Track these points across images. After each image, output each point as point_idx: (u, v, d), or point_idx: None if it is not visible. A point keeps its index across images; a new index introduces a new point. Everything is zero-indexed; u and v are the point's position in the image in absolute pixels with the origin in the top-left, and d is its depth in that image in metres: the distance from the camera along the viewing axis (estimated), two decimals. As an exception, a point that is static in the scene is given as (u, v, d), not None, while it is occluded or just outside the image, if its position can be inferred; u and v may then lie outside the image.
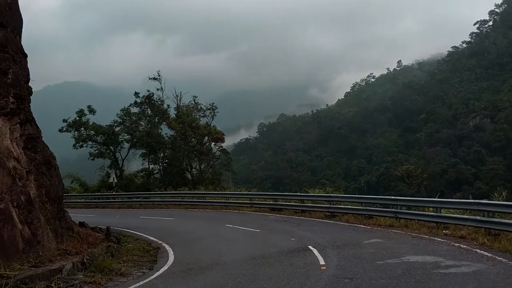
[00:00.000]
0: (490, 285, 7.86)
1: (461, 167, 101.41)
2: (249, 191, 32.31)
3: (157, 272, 10.90)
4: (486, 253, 10.69)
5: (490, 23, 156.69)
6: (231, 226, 18.55)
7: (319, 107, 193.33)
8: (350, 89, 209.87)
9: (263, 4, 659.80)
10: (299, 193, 25.44)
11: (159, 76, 45.40)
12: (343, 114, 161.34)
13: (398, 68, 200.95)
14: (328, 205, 20.72)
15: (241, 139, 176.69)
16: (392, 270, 9.37)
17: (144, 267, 11.76)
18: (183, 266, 11.46)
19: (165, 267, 11.42)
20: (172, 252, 13.40)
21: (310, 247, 12.61)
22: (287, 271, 9.89)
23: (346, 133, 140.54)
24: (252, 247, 13.72)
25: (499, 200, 15.62)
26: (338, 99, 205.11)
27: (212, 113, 46.59)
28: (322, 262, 10.63)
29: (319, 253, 11.60)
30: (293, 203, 23.47)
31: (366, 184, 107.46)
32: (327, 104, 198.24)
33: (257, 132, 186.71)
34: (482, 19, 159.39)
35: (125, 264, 11.97)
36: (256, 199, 26.45)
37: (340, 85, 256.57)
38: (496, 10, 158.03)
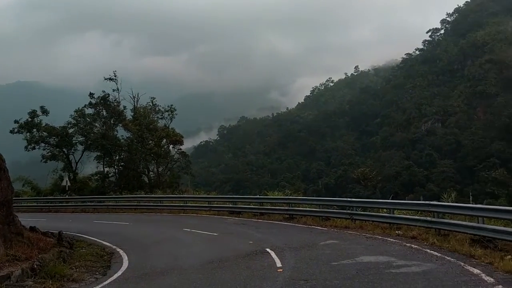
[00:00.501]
0: (438, 284, 8.13)
1: (414, 169, 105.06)
2: (208, 194, 32.06)
3: (111, 278, 10.67)
4: (436, 253, 11.05)
5: (442, 31, 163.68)
6: (188, 230, 18.31)
7: (280, 110, 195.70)
8: (310, 93, 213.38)
9: (223, 7, 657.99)
10: (258, 196, 25.48)
11: (115, 76, 44.22)
12: (303, 118, 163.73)
13: (355, 73, 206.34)
14: (287, 208, 20.90)
15: (201, 142, 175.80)
16: (346, 271, 9.54)
17: (97, 273, 11.49)
18: (138, 271, 11.25)
19: (119, 273, 11.20)
20: (126, 257, 13.14)
21: (267, 249, 12.65)
22: (244, 275, 9.87)
23: (306, 136, 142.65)
24: (209, 251, 13.64)
25: (448, 202, 16.21)
26: (298, 103, 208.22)
27: (171, 115, 45.93)
28: (279, 264, 10.69)
29: (276, 256, 11.66)
30: (252, 206, 23.46)
31: (325, 187, 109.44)
32: (288, 108, 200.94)
33: (217, 135, 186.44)
34: (434, 27, 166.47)
35: (77, 269, 11.69)
36: (215, 202, 26.30)
37: (300, 88, 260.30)
38: (447, 19, 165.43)
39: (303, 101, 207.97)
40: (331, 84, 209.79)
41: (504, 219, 11.98)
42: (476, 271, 8.80)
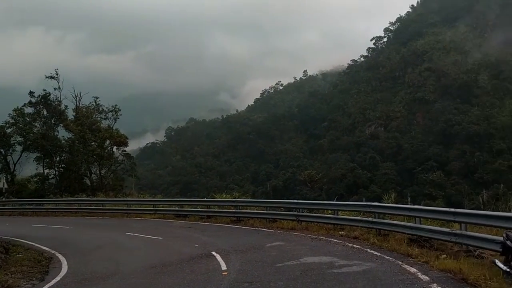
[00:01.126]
0: (377, 283, 8.37)
1: (359, 171, 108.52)
2: (153, 197, 31.38)
3: (48, 284, 10.25)
4: (376, 253, 11.38)
5: (385, 39, 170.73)
6: (131, 234, 17.82)
7: (229, 112, 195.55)
8: (260, 96, 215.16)
9: (171, 6, 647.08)
10: (205, 199, 25.25)
11: (57, 74, 42.42)
12: (253, 120, 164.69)
13: (304, 78, 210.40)
14: (234, 210, 20.83)
15: (147, 143, 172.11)
16: (290, 272, 9.61)
17: (34, 279, 10.99)
18: (77, 276, 10.85)
19: (57, 278, 10.77)
20: (66, 262, 12.67)
21: (213, 253, 12.54)
22: (188, 279, 9.72)
23: (255, 139, 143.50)
24: (153, 255, 13.34)
25: (388, 203, 16.80)
26: (248, 105, 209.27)
27: (115, 116, 44.53)
28: (224, 267, 10.61)
29: (222, 259, 11.58)
30: (199, 209, 23.20)
31: (273, 189, 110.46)
32: (237, 110, 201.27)
33: (164, 136, 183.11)
34: (378, 35, 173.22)
35: (13, 275, 11.14)
36: (160, 205, 25.79)
37: (250, 91, 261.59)
38: (390, 27, 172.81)
39: (253, 103, 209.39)
40: (281, 88, 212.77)
41: (439, 220, 12.54)
42: (412, 270, 9.14)
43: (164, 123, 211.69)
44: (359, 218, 15.47)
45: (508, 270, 7.76)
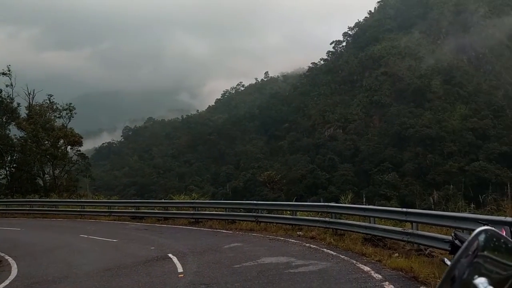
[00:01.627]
0: (332, 282, 8.53)
1: (318, 172, 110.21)
2: (108, 199, 30.61)
3: (-5, 289, 9.81)
4: (332, 252, 11.59)
5: (344, 43, 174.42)
6: (85, 236, 17.31)
7: (190, 112, 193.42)
8: (221, 96, 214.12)
9: (130, 3, 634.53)
10: (163, 200, 24.87)
11: (9, 71, 40.60)
12: (213, 121, 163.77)
13: (265, 79, 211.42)
14: (192, 212, 20.60)
15: (103, 143, 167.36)
16: (247, 273, 9.62)
17: (-20, 283, 10.44)
18: (27, 280, 10.48)
19: (6, 282, 10.39)
20: (15, 266, 12.22)
21: (170, 255, 12.39)
22: (143, 281, 9.55)
23: (216, 139, 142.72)
24: (107, 258, 13.02)
25: (345, 203, 17.19)
26: (209, 106, 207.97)
27: (70, 114, 42.98)
28: (180, 269, 10.50)
29: (179, 261, 11.46)
30: (157, 211, 22.80)
31: (234, 190, 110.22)
32: (198, 110, 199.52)
33: (121, 136, 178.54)
34: (337, 39, 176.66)
35: (-43, 281, 10.53)
36: (116, 207, 25.14)
37: (211, 91, 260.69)
38: (349, 32, 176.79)
39: (213, 104, 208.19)
40: (242, 88, 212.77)
41: (392, 219, 12.93)
42: (366, 268, 9.37)
43: (121, 123, 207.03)
44: (316, 218, 15.68)
45: (456, 267, 8.10)
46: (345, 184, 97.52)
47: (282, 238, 14.62)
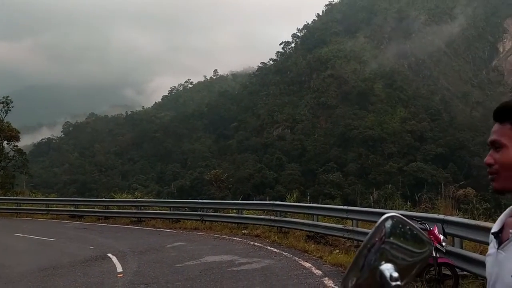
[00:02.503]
0: (274, 278, 8.58)
1: (266, 172, 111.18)
2: (46, 196, 29.16)
3: None
4: (275, 250, 11.70)
5: (293, 45, 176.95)
6: (21, 235, 16.42)
7: (135, 108, 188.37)
8: (168, 93, 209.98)
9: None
10: (104, 199, 24.05)
11: None
12: (160, 118, 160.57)
13: (214, 77, 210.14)
14: (135, 211, 20.14)
15: (43, 139, 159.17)
16: (190, 272, 9.48)
17: None
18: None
19: None
20: None
21: (109, 254, 12.00)
22: (80, 281, 9.16)
23: (162, 137, 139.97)
24: (43, 257, 12.39)
25: (290, 201, 17.45)
26: (155, 102, 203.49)
27: (6, 108, 40.49)
28: (119, 269, 10.17)
29: (118, 261, 11.10)
30: (97, 209, 22.05)
31: (180, 189, 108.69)
32: (143, 106, 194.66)
33: (62, 132, 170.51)
34: (286, 40, 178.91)
35: None
36: (54, 205, 24.01)
37: (158, 88, 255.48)
38: (298, 34, 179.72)
39: (160, 100, 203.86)
40: (190, 86, 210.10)
41: (334, 217, 13.28)
42: (307, 265, 9.53)
43: (61, 118, 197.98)
44: (262, 217, 15.83)
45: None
46: (292, 183, 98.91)
47: (227, 237, 14.58)
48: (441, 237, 7.41)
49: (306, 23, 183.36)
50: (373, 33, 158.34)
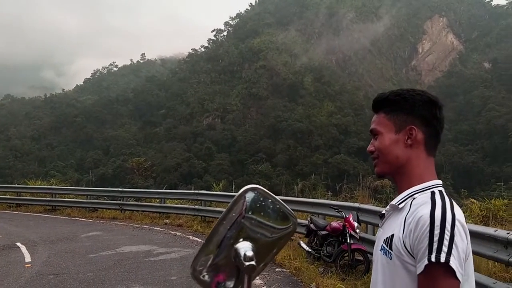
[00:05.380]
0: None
1: (194, 161, 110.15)
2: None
3: None
4: (197, 239, 11.55)
5: (225, 33, 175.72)
6: None
7: (54, 91, 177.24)
8: (91, 76, 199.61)
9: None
10: (15, 185, 22.35)
11: None
12: (81, 102, 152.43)
13: (141, 61, 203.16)
14: (49, 198, 18.97)
15: None
16: (103, 262, 9.03)
17: None
18: None
19: None
20: None
21: (18, 244, 11.24)
22: (-19, 274, 8.35)
23: (83, 122, 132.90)
24: None
25: (216, 191, 17.35)
26: (77, 85, 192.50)
27: None
28: (28, 259, 9.52)
29: (27, 250, 10.43)
30: (8, 196, 20.48)
31: (102, 177, 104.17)
32: (64, 89, 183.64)
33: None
34: (218, 28, 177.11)
35: None
36: (-43, 191, 21.87)
37: (80, 70, 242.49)
38: (230, 22, 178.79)
39: (82, 84, 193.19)
40: (115, 69, 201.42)
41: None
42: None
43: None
44: (186, 206, 15.59)
45: (310, 250, 8.62)
46: (221, 173, 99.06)
47: (147, 227, 14.17)
48: (355, 224, 7.67)
49: (239, 11, 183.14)
50: (304, 27, 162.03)
